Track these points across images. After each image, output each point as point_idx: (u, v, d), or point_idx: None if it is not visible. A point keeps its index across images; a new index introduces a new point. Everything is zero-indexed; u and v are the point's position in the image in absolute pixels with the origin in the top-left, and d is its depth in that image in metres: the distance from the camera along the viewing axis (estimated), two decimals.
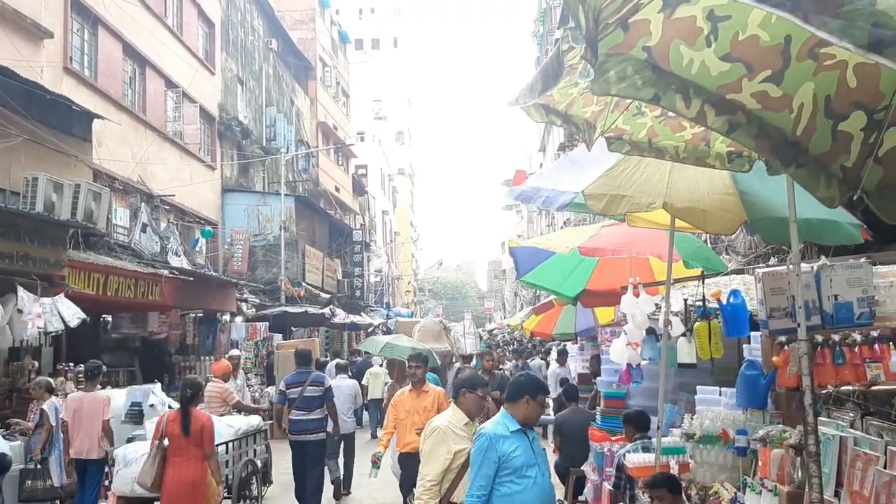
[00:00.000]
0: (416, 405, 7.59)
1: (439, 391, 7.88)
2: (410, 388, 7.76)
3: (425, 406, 7.52)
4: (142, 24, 19.12)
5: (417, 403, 7.61)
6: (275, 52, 31.33)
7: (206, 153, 24.15)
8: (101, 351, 15.54)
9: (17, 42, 13.51)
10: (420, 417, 7.27)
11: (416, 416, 7.44)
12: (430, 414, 6.83)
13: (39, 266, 10.91)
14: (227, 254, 24.69)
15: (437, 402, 7.50)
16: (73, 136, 14.65)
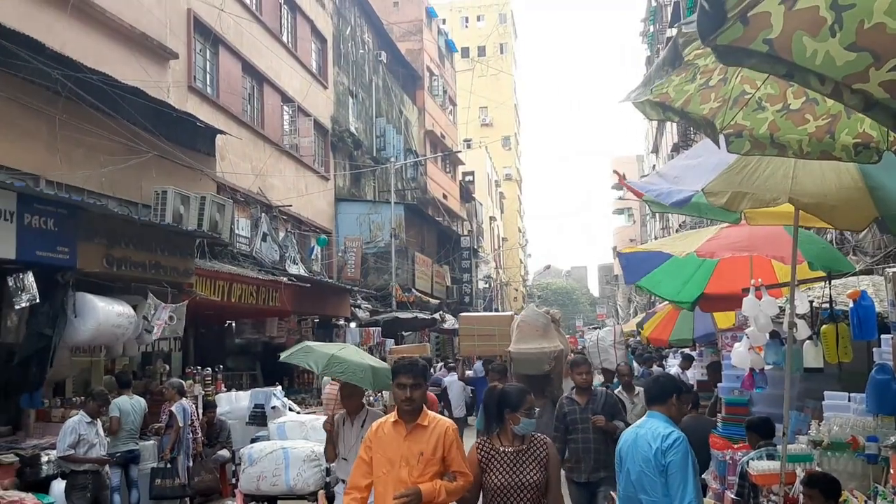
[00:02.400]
0: (408, 449, 4.46)
1: (446, 425, 4.57)
2: (395, 420, 4.54)
3: (422, 452, 4.44)
4: (259, 42, 19.97)
5: (409, 447, 4.47)
6: (384, 63, 32.01)
7: (320, 164, 24.91)
8: (226, 355, 16.29)
9: (145, 64, 14.37)
10: (414, 470, 4.40)
11: (406, 467, 4.41)
12: (432, 468, 4.40)
13: (170, 274, 11.54)
14: (340, 261, 25.36)
15: (442, 444, 4.46)
16: (198, 151, 15.45)
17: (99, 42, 13.19)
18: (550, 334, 10.23)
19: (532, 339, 9.95)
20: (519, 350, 9.89)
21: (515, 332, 10.34)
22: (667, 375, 4.82)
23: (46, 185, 10.88)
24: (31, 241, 8.66)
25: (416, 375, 4.55)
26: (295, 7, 23.28)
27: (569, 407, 7.17)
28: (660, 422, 4.44)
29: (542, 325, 10.28)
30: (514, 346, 10.04)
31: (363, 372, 6.62)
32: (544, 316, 10.52)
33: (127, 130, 12.44)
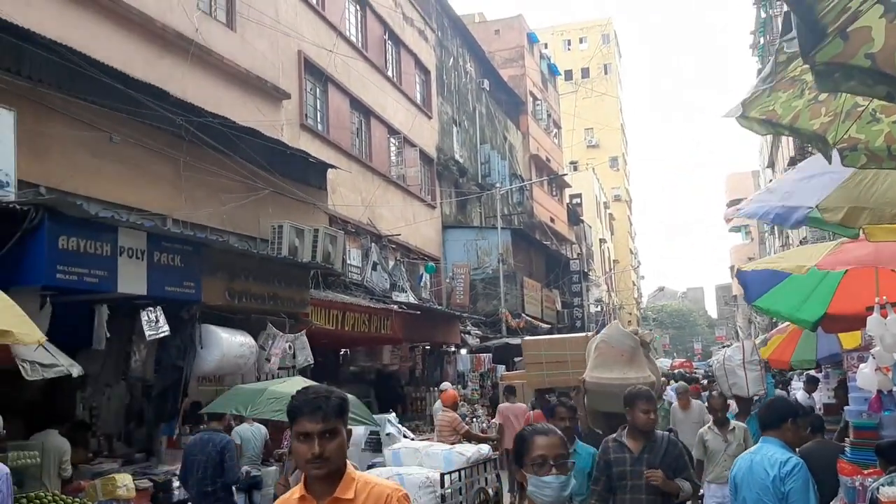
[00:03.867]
0: None
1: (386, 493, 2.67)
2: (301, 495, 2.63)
3: None
4: (366, 78, 20.60)
5: None
6: (486, 91, 32.31)
7: (427, 193, 25.31)
8: (341, 383, 16.68)
9: (260, 105, 15.08)
10: None
11: None
12: None
13: (287, 305, 11.99)
14: (449, 288, 25.58)
15: None
16: (311, 186, 16.03)
17: (217, 87, 13.95)
18: (638, 361, 7.90)
19: (614, 367, 7.81)
20: (596, 379, 7.83)
21: (593, 357, 8.07)
22: (781, 399, 4.65)
23: (173, 224, 11.55)
24: (160, 277, 9.18)
25: (326, 417, 2.60)
26: (399, 42, 23.90)
27: (616, 454, 5.15)
28: (776, 447, 4.29)
29: (629, 349, 7.90)
30: (591, 373, 7.99)
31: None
32: (631, 337, 8.16)
33: (244, 169, 13.07)
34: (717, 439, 7.91)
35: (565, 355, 11.36)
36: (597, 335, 8.80)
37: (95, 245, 8.29)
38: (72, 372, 6.73)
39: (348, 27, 20.47)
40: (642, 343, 8.21)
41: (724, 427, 8.03)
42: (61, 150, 10.04)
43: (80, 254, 8.08)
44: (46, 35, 9.61)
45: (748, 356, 10.19)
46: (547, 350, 12.15)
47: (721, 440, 7.87)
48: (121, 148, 11.08)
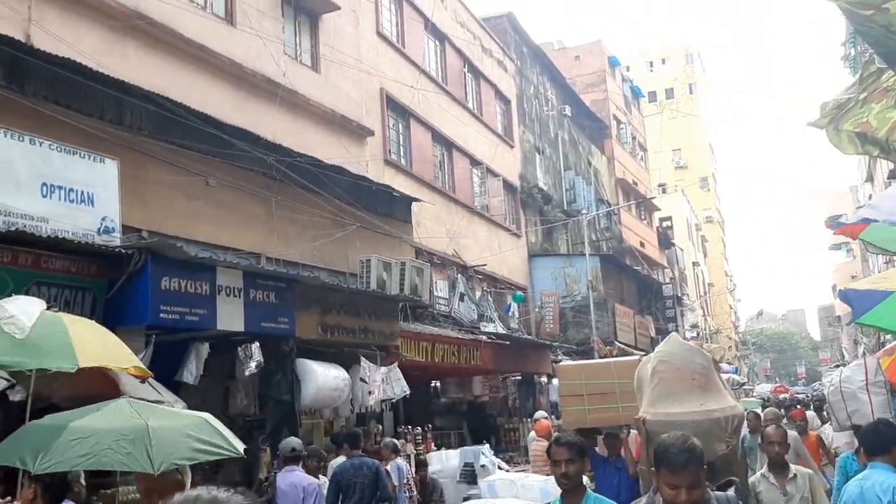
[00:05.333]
0: None
1: None
2: None
3: None
4: (447, 111, 20.86)
5: None
6: (568, 117, 32.20)
7: (511, 222, 25.29)
8: (433, 415, 16.72)
9: (345, 143, 15.47)
10: None
11: None
12: None
13: (377, 338, 12.15)
14: (538, 317, 25.37)
15: None
16: (396, 220, 16.28)
17: (304, 127, 14.39)
18: (714, 385, 5.65)
19: (685, 396, 5.50)
20: (663, 417, 5.43)
21: (650, 385, 5.70)
22: (887, 422, 4.40)
23: (266, 262, 11.90)
24: (256, 313, 9.49)
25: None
26: (478, 74, 24.13)
27: None
28: (887, 473, 4.06)
29: (700, 370, 5.62)
30: (652, 408, 5.59)
31: (130, 443, 4.03)
32: (700, 353, 5.88)
33: (332, 206, 13.38)
34: (772, 491, 5.51)
35: (613, 385, 8.67)
36: (650, 356, 6.24)
37: (195, 284, 8.65)
38: (175, 407, 6.96)
39: (428, 62, 20.81)
40: (714, 363, 5.98)
41: (782, 474, 5.57)
42: (161, 195, 10.52)
43: (181, 293, 8.43)
44: (144, 87, 10.14)
45: (872, 377, 8.11)
46: (589, 379, 9.33)
47: (778, 492, 5.49)
48: (216, 191, 11.53)
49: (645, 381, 5.84)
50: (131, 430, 4.15)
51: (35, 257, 7.47)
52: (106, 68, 9.60)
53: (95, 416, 4.41)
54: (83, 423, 4.30)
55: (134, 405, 4.56)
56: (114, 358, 5.96)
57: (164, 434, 4.15)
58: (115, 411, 4.47)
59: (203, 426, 4.41)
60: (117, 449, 4.04)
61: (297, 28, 15.14)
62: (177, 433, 4.22)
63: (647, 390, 5.76)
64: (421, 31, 20.42)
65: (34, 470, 4.10)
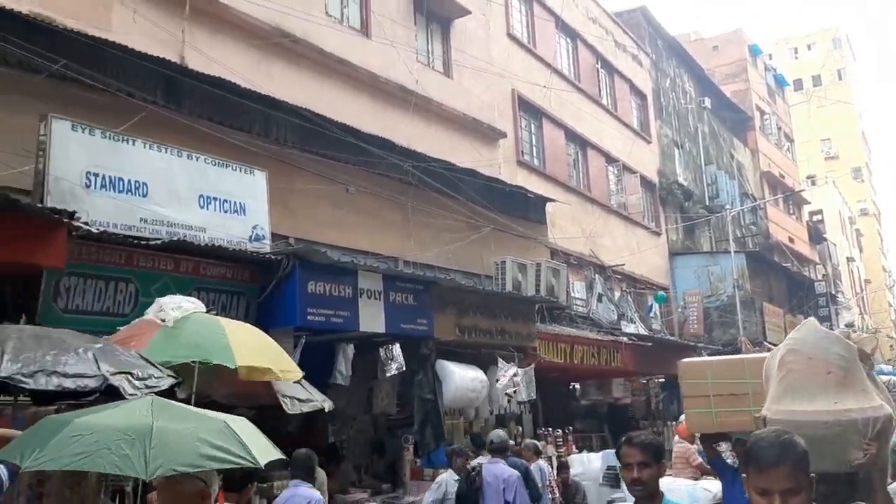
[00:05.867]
0: None
1: None
2: None
3: None
4: (580, 109, 20.61)
5: None
6: (708, 109, 31.04)
7: (650, 220, 24.64)
8: (573, 417, 16.53)
9: (477, 146, 15.60)
10: None
11: None
12: None
13: (514, 339, 12.17)
14: (681, 317, 24.57)
15: None
16: (531, 221, 16.23)
17: (437, 132, 14.63)
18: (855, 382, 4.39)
19: (816, 392, 4.38)
20: (786, 415, 4.40)
21: (777, 378, 4.64)
22: None
23: (404, 265, 12.20)
24: (395, 315, 9.75)
25: None
26: (612, 69, 23.70)
27: None
28: None
29: (839, 362, 4.43)
30: (776, 404, 4.56)
31: (129, 444, 3.71)
32: (841, 342, 4.52)
33: (466, 209, 13.52)
34: None
35: (745, 385, 7.16)
36: (780, 346, 4.93)
37: (339, 288, 9.00)
38: (324, 407, 7.25)
39: (560, 61, 20.65)
40: (861, 355, 4.54)
41: None
42: (305, 204, 11.00)
43: (326, 296, 8.80)
44: (289, 101, 10.64)
45: None
46: (716, 377, 7.91)
47: None
48: (355, 197, 11.94)
49: (772, 374, 4.80)
50: (134, 430, 3.77)
51: (195, 264, 7.99)
52: (254, 85, 10.14)
53: (106, 413, 4.10)
54: (89, 419, 4.00)
55: (156, 403, 4.16)
56: (268, 358, 6.28)
57: (169, 437, 3.77)
58: (130, 409, 4.12)
59: (222, 431, 3.96)
60: (115, 449, 3.69)
61: (429, 35, 15.42)
62: (185, 436, 3.83)
63: (772, 384, 4.72)
64: (552, 30, 20.29)
65: (24, 466, 3.81)
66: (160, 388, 5.35)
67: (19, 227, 6.24)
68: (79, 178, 7.64)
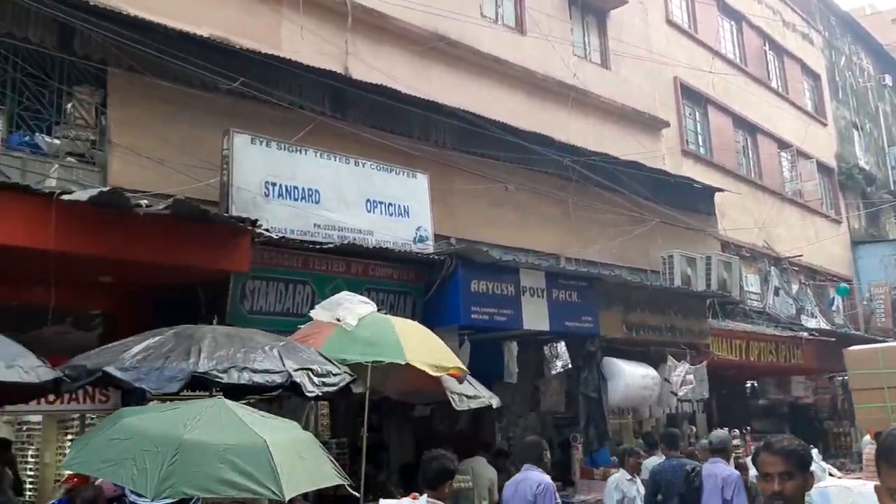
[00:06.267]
0: None
1: None
2: None
3: None
4: (747, 93, 19.59)
5: None
6: (889, 87, 28.62)
7: (829, 207, 23.06)
8: (750, 416, 15.73)
9: (639, 137, 15.17)
10: None
11: None
12: None
13: (685, 336, 11.75)
14: (866, 310, 22.79)
15: None
16: (698, 212, 15.60)
17: (596, 125, 14.37)
18: None
19: None
20: None
21: None
22: None
23: (566, 262, 12.08)
24: (559, 313, 9.67)
25: None
26: (781, 50, 22.36)
27: None
28: None
29: None
30: None
31: (152, 458, 3.54)
32: None
33: (629, 202, 13.20)
34: None
35: None
36: None
37: (501, 286, 9.05)
38: (492, 403, 7.30)
39: (724, 45, 19.72)
40: None
41: None
42: (465, 204, 11.15)
43: (489, 295, 8.87)
44: (448, 104, 10.81)
45: None
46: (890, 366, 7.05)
47: None
48: (515, 195, 11.96)
49: None
50: (163, 442, 3.61)
51: (365, 266, 8.30)
52: (414, 90, 10.39)
53: (153, 416, 3.98)
54: (136, 420, 3.87)
55: (212, 408, 3.94)
56: (435, 355, 6.41)
57: (193, 454, 3.55)
58: (177, 415, 3.94)
59: (255, 453, 3.65)
60: (138, 461, 3.53)
61: (585, 28, 15.20)
62: (211, 455, 3.56)
63: None
64: (713, 13, 19.43)
65: (62, 466, 3.70)
66: (338, 386, 5.60)
67: (209, 235, 6.72)
68: (258, 187, 8.15)
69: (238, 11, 9.48)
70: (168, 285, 7.33)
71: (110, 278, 7.07)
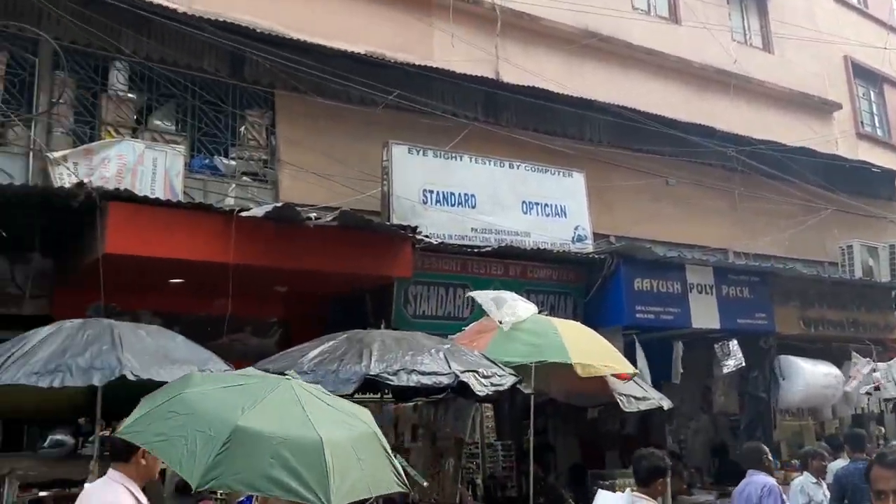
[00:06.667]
0: None
1: None
2: None
3: None
4: None
5: None
6: None
7: None
8: None
9: (807, 121, 14.26)
10: None
11: None
12: None
13: (869, 331, 10.98)
14: None
15: None
16: (879, 198, 14.45)
17: (760, 112, 13.65)
18: None
19: None
20: None
21: None
22: None
23: (734, 257, 11.55)
24: (730, 310, 9.31)
25: None
26: None
27: None
28: None
29: None
30: None
31: (204, 442, 3.33)
32: None
33: (801, 191, 12.45)
34: None
35: None
36: None
37: (666, 284, 8.84)
38: (662, 405, 7.10)
39: None
40: None
41: None
42: (623, 200, 10.91)
43: (653, 293, 8.69)
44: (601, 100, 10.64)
45: None
46: None
47: None
48: (676, 189, 11.60)
49: None
50: (218, 425, 3.37)
51: (522, 268, 8.35)
52: (566, 89, 10.31)
53: (215, 393, 3.67)
54: (196, 394, 3.61)
55: (278, 391, 3.67)
56: (601, 355, 6.31)
57: (245, 444, 3.32)
58: (239, 394, 3.65)
59: (308, 451, 3.37)
60: (190, 441, 3.34)
61: (744, 11, 14.53)
62: (263, 448, 3.33)
63: None
64: None
65: (121, 433, 3.60)
66: (504, 386, 5.64)
67: (373, 243, 6.99)
68: (417, 195, 8.39)
69: (391, 26, 9.79)
70: (337, 293, 7.68)
71: (284, 288, 7.50)
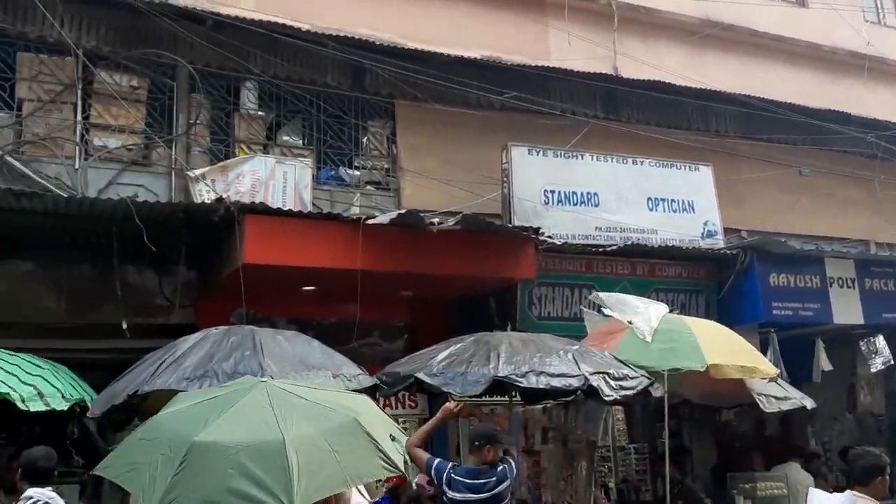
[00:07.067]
0: None
1: None
2: None
3: None
4: None
5: None
6: None
7: None
8: None
9: None
10: None
11: None
12: None
13: None
14: None
15: None
16: None
17: None
18: None
19: None
20: None
21: None
22: None
23: (876, 248, 10.91)
24: (874, 304, 8.82)
25: None
26: None
27: None
28: None
29: None
30: None
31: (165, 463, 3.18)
32: None
33: None
34: None
35: None
36: None
37: (804, 279, 8.46)
38: (805, 405, 6.77)
39: None
40: None
41: None
42: (753, 192, 10.50)
43: (790, 289, 8.34)
44: (727, 90, 10.25)
45: None
46: None
47: None
48: (809, 180, 11.09)
49: None
50: (176, 444, 3.25)
51: (650, 266, 8.16)
52: (688, 80, 10.00)
53: (183, 410, 3.57)
54: (164, 416, 3.52)
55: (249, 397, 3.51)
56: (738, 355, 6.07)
57: (203, 460, 3.17)
58: (201, 409, 3.50)
59: (269, 456, 3.21)
60: (152, 467, 3.24)
61: None
62: (221, 460, 3.17)
63: None
64: None
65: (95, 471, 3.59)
66: (636, 389, 5.53)
67: (495, 246, 7.01)
68: (537, 196, 8.35)
69: (506, 29, 9.79)
70: (461, 296, 7.75)
71: (410, 293, 7.63)
